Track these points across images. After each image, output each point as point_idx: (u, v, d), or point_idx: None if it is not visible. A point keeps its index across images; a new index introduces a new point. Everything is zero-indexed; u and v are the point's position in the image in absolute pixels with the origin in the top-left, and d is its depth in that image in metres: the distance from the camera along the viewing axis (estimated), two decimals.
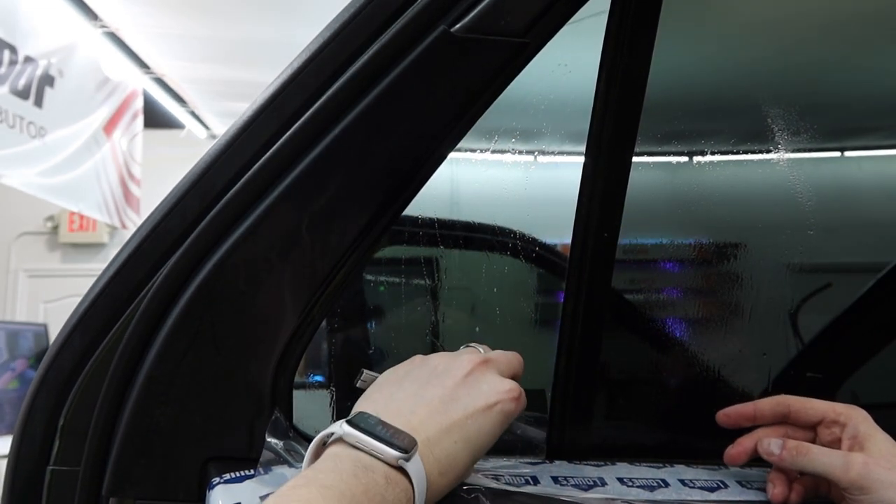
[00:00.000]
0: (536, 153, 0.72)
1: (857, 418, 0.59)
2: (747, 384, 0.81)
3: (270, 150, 0.54)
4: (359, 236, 0.56)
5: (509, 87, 0.56)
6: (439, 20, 0.53)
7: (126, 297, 0.55)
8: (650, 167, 0.80)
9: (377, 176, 0.55)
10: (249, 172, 0.54)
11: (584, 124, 0.64)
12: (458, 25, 0.53)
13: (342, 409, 0.65)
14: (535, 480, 0.58)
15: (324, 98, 0.53)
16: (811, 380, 0.87)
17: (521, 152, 0.71)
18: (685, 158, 0.83)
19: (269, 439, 0.55)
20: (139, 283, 0.55)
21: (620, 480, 0.60)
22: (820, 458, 0.57)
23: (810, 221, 0.81)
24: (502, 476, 0.58)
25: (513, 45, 0.54)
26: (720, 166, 0.89)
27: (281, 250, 0.55)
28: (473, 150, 0.66)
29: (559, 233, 0.70)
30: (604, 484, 0.59)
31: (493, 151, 0.69)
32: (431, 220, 0.65)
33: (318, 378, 0.64)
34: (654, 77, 0.64)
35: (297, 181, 0.54)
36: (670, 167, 0.83)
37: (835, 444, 0.60)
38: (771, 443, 0.60)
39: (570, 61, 0.64)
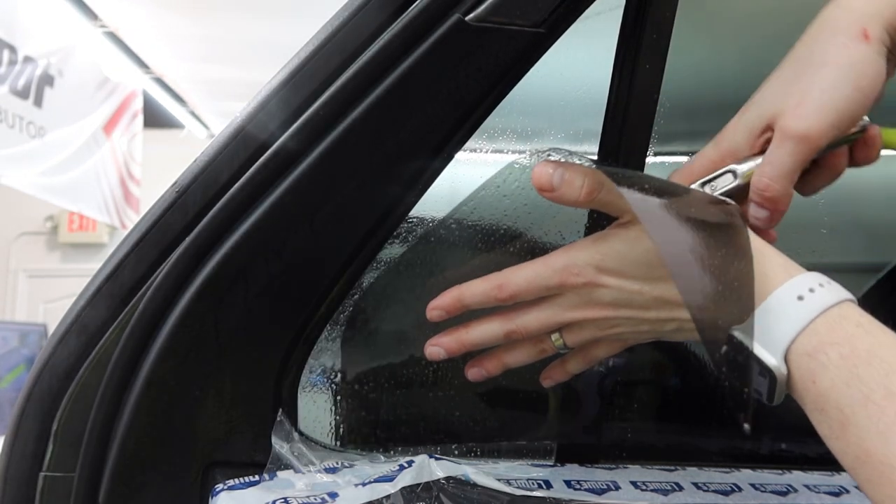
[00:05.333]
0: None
1: None
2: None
3: (276, 144, 0.53)
4: (369, 233, 0.55)
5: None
6: (453, 8, 0.52)
7: (124, 296, 0.54)
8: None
9: (388, 170, 0.54)
10: (255, 166, 0.53)
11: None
12: (472, 14, 0.52)
13: (349, 410, 0.64)
14: (548, 485, 0.58)
15: (332, 89, 0.52)
16: None
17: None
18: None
19: (273, 443, 0.54)
20: (138, 280, 0.54)
21: (634, 484, 0.60)
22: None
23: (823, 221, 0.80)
24: (514, 480, 0.57)
25: (529, 34, 0.53)
26: None
27: (288, 247, 0.53)
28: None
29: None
30: (617, 488, 0.59)
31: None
32: (444, 217, 0.64)
33: (325, 379, 0.63)
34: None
35: (304, 176, 0.52)
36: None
37: None
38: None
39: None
